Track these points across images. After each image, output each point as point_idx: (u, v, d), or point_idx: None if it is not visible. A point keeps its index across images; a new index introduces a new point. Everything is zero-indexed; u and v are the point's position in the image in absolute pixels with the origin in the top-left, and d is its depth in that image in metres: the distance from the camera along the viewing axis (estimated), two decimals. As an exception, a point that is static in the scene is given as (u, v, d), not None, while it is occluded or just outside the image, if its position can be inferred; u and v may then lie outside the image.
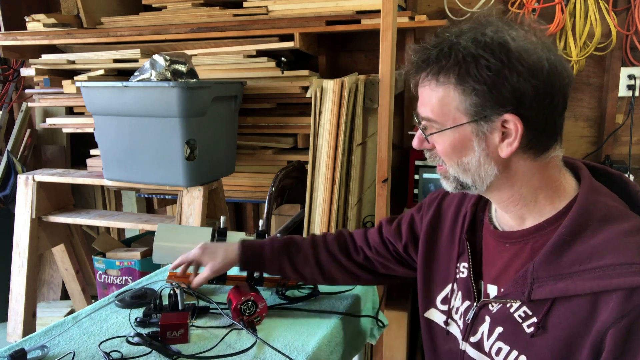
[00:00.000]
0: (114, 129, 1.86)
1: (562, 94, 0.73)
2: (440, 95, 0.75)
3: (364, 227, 1.94)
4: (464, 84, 0.72)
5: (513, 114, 0.71)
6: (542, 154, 0.76)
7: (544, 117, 0.73)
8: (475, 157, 0.76)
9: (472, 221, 0.90)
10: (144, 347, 0.94)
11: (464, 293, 0.88)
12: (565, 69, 0.73)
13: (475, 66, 0.71)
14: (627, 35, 2.01)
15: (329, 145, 1.68)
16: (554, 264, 0.73)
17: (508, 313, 0.78)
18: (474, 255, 0.88)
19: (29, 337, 1.00)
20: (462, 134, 0.75)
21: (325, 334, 1.03)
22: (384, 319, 1.32)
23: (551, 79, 0.71)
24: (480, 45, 0.71)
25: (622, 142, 2.13)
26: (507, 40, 0.71)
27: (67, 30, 2.36)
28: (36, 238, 2.16)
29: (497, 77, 0.70)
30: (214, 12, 2.22)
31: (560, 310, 0.72)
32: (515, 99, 0.71)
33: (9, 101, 2.82)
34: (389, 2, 1.57)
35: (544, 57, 0.71)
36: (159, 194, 2.43)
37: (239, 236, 1.18)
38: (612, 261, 0.68)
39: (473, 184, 0.79)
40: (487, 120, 0.73)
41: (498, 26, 0.73)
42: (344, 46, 2.39)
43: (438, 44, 0.75)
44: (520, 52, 0.70)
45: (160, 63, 1.75)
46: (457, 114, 0.75)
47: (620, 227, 0.71)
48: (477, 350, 0.83)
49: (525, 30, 0.74)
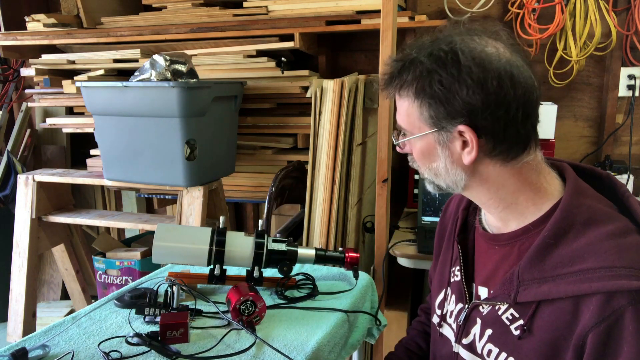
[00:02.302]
0: (114, 129, 1.86)
1: (520, 104, 0.73)
2: (405, 106, 0.80)
3: (364, 226, 1.94)
4: (420, 98, 0.76)
5: (466, 125, 0.74)
6: (510, 160, 0.77)
7: (500, 127, 0.74)
8: (442, 163, 0.79)
9: (464, 225, 0.93)
10: (143, 347, 0.94)
11: (457, 296, 0.89)
12: (523, 77, 0.73)
13: (429, 82, 0.74)
14: (627, 35, 2.01)
15: (329, 145, 1.68)
16: (538, 267, 0.74)
17: (496, 315, 0.79)
18: (466, 258, 0.90)
19: (29, 337, 1.00)
20: (427, 142, 0.79)
21: (325, 333, 1.03)
22: (383, 319, 1.32)
23: (503, 90, 0.72)
24: (434, 60, 0.74)
25: (622, 142, 2.13)
26: (459, 54, 0.73)
27: (67, 30, 2.36)
28: (36, 238, 2.16)
29: (449, 91, 0.73)
30: (214, 12, 2.22)
31: (545, 313, 0.73)
32: (466, 111, 0.73)
33: (9, 101, 2.82)
34: (389, 2, 1.57)
35: (501, 68, 0.72)
36: (159, 194, 2.43)
37: (239, 236, 1.18)
38: (592, 265, 0.69)
39: (447, 187, 0.82)
40: (445, 130, 0.76)
41: (455, 39, 0.75)
42: (344, 46, 2.39)
43: (401, 59, 0.79)
44: (470, 66, 0.72)
45: (160, 63, 1.75)
46: (420, 124, 0.79)
47: (602, 230, 0.71)
48: (469, 352, 0.84)
49: (490, 39, 0.75)
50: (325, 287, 1.25)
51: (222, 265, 1.16)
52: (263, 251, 1.16)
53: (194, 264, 1.17)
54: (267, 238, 1.19)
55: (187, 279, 1.19)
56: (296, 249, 1.18)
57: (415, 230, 1.90)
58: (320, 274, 1.32)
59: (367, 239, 1.95)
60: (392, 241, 1.79)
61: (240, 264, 1.17)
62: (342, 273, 1.32)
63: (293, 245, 1.19)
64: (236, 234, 1.19)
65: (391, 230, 1.87)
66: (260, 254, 1.16)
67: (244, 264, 1.17)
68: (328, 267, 1.33)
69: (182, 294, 1.13)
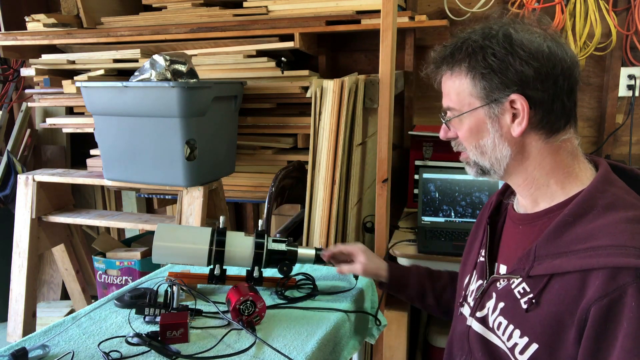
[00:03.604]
0: (114, 129, 1.86)
1: (567, 77, 0.79)
2: (455, 85, 0.85)
3: (364, 227, 1.94)
4: (474, 71, 0.81)
5: (519, 94, 0.79)
6: (553, 134, 0.81)
7: (549, 97, 0.79)
8: (490, 138, 0.83)
9: (498, 208, 0.97)
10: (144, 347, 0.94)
11: (479, 274, 0.93)
12: (566, 53, 0.80)
13: (482, 55, 0.80)
14: (627, 35, 2.01)
15: (329, 145, 1.68)
16: (554, 243, 0.76)
17: (509, 289, 0.82)
18: (492, 238, 0.94)
19: (29, 337, 1.00)
20: (477, 117, 0.84)
21: (325, 333, 1.03)
22: (383, 319, 1.33)
23: (552, 62, 0.78)
24: (487, 37, 0.80)
25: (622, 142, 2.13)
26: (510, 32, 0.80)
27: (67, 30, 2.36)
28: (36, 238, 2.16)
29: (502, 62, 0.79)
30: (214, 12, 2.22)
31: (555, 287, 0.75)
32: (520, 81, 0.78)
33: (9, 101, 2.82)
34: (389, 2, 1.57)
35: (545, 44, 0.79)
36: (159, 194, 2.43)
37: (239, 236, 1.18)
38: (604, 242, 0.71)
39: (491, 167, 0.86)
40: (497, 102, 0.81)
41: (503, 21, 0.83)
42: (344, 46, 2.39)
43: (453, 42, 0.85)
44: (522, 41, 0.79)
45: (160, 63, 1.75)
46: (471, 99, 0.83)
47: (621, 215, 0.73)
48: (481, 324, 0.87)
49: (529, 24, 0.82)
50: (325, 287, 1.25)
51: (222, 265, 1.16)
52: (263, 251, 1.16)
53: (194, 264, 1.17)
54: (267, 238, 1.19)
55: (187, 279, 1.19)
56: (296, 249, 1.18)
57: (415, 230, 1.90)
58: (320, 274, 1.32)
59: (367, 239, 1.95)
60: (392, 241, 1.79)
61: (240, 264, 1.17)
62: (342, 273, 1.32)
63: (293, 245, 1.19)
64: (236, 234, 1.19)
65: (391, 230, 1.87)
66: (260, 254, 1.16)
67: (244, 264, 1.17)
68: (328, 267, 1.33)
69: (182, 294, 1.14)
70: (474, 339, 0.88)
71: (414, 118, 2.35)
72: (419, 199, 1.94)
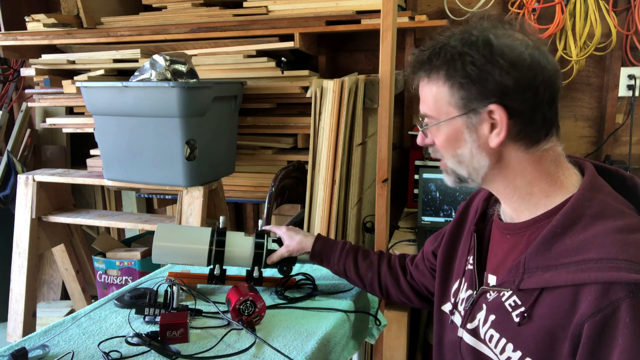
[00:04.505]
0: (114, 129, 1.86)
1: (548, 87, 0.77)
2: (433, 91, 0.81)
3: (364, 226, 1.94)
4: (452, 79, 0.78)
5: (498, 105, 0.76)
6: (533, 145, 0.79)
7: (529, 108, 0.76)
8: (468, 148, 0.80)
9: (483, 215, 0.95)
10: (143, 347, 0.94)
11: (469, 284, 0.91)
12: (548, 62, 0.77)
13: (461, 63, 0.76)
14: (627, 35, 2.01)
15: (329, 145, 1.68)
16: (543, 256, 0.75)
17: (500, 302, 0.80)
18: (480, 247, 0.92)
19: (29, 337, 1.00)
20: (455, 126, 0.81)
21: (325, 333, 1.03)
22: (383, 319, 1.33)
23: (533, 71, 0.75)
24: (466, 43, 0.77)
25: (622, 142, 2.13)
26: (491, 39, 0.76)
27: (67, 30, 2.36)
28: (36, 238, 2.16)
29: (481, 71, 0.75)
30: (214, 12, 2.22)
31: (546, 301, 0.74)
32: (499, 92, 0.75)
33: (9, 101, 2.82)
34: (389, 2, 1.57)
35: (526, 52, 0.76)
36: (159, 194, 2.43)
37: (239, 236, 1.18)
38: (595, 255, 0.70)
39: (469, 176, 0.84)
40: (475, 112, 0.78)
41: (484, 27, 0.79)
42: (344, 46, 2.39)
43: (431, 46, 0.81)
44: (503, 49, 0.75)
45: (160, 63, 1.75)
46: (448, 108, 0.80)
47: (611, 224, 0.72)
48: (473, 336, 0.86)
49: (512, 30, 0.79)
50: (325, 287, 1.25)
51: (222, 265, 1.16)
52: (263, 251, 1.16)
53: (193, 264, 1.18)
54: (266, 238, 1.19)
55: (187, 279, 1.19)
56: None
57: (415, 230, 1.90)
58: (320, 274, 1.32)
59: (367, 239, 1.95)
60: (392, 241, 1.79)
61: (240, 264, 1.17)
62: (342, 273, 1.32)
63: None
64: (236, 234, 1.19)
65: (391, 230, 1.87)
66: (260, 254, 1.16)
67: (243, 264, 1.17)
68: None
69: (182, 294, 1.14)
70: (465, 350, 0.87)
71: (414, 118, 2.35)
72: (419, 199, 1.94)
